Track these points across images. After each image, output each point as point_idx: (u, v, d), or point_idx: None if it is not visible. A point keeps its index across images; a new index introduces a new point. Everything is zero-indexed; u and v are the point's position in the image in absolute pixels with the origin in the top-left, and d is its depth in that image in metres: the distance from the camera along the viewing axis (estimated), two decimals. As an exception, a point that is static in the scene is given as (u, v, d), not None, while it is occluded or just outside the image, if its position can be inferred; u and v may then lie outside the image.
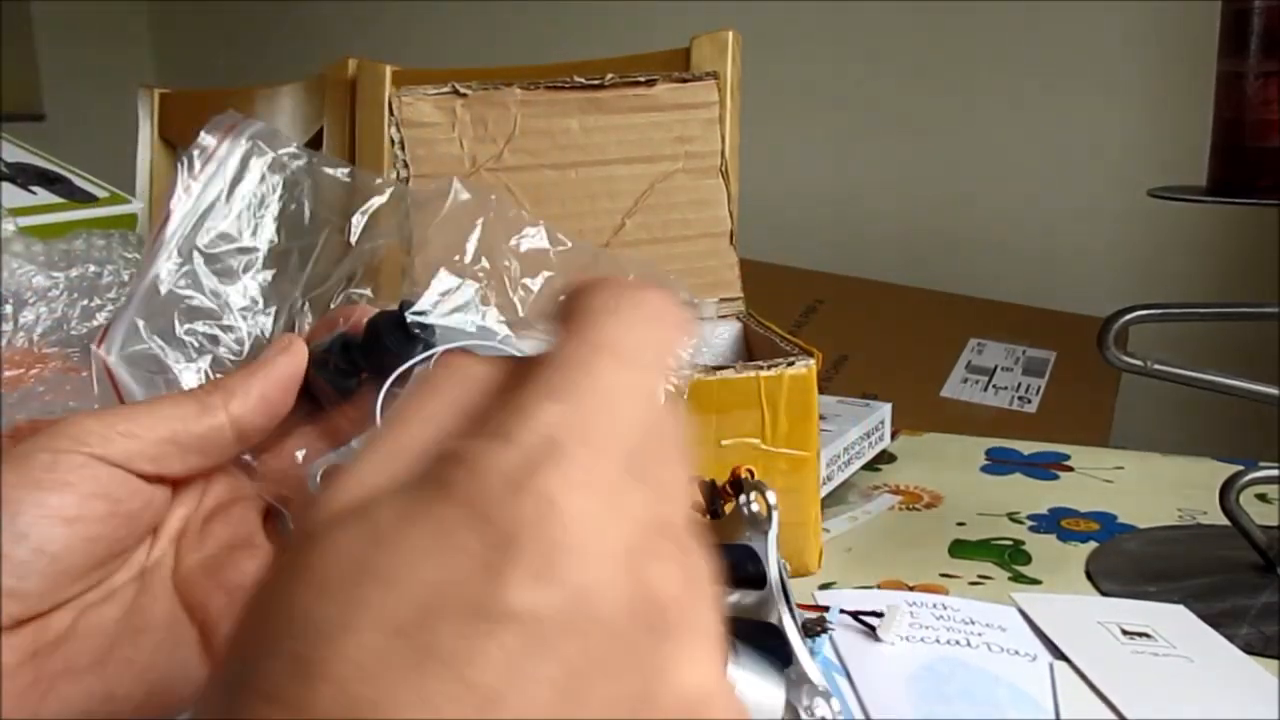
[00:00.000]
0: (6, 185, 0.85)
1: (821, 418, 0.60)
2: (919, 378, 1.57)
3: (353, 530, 0.21)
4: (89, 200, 0.88)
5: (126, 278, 0.65)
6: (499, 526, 0.20)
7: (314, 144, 1.11)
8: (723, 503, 0.45)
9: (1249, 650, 0.48)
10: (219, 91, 1.29)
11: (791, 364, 0.54)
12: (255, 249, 0.37)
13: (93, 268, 0.64)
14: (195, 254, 0.37)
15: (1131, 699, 0.43)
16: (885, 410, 0.74)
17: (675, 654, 0.21)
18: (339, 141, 1.11)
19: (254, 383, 0.34)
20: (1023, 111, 1.83)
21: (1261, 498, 0.68)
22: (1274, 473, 0.57)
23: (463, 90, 0.63)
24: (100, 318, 0.63)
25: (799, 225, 1.95)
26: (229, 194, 0.37)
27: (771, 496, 0.39)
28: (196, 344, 0.37)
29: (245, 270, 0.37)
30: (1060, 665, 0.46)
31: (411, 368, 0.34)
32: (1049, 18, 1.78)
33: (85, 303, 0.63)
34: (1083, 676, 0.45)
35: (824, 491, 0.62)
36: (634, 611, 0.21)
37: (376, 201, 0.37)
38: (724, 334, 0.68)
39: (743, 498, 0.40)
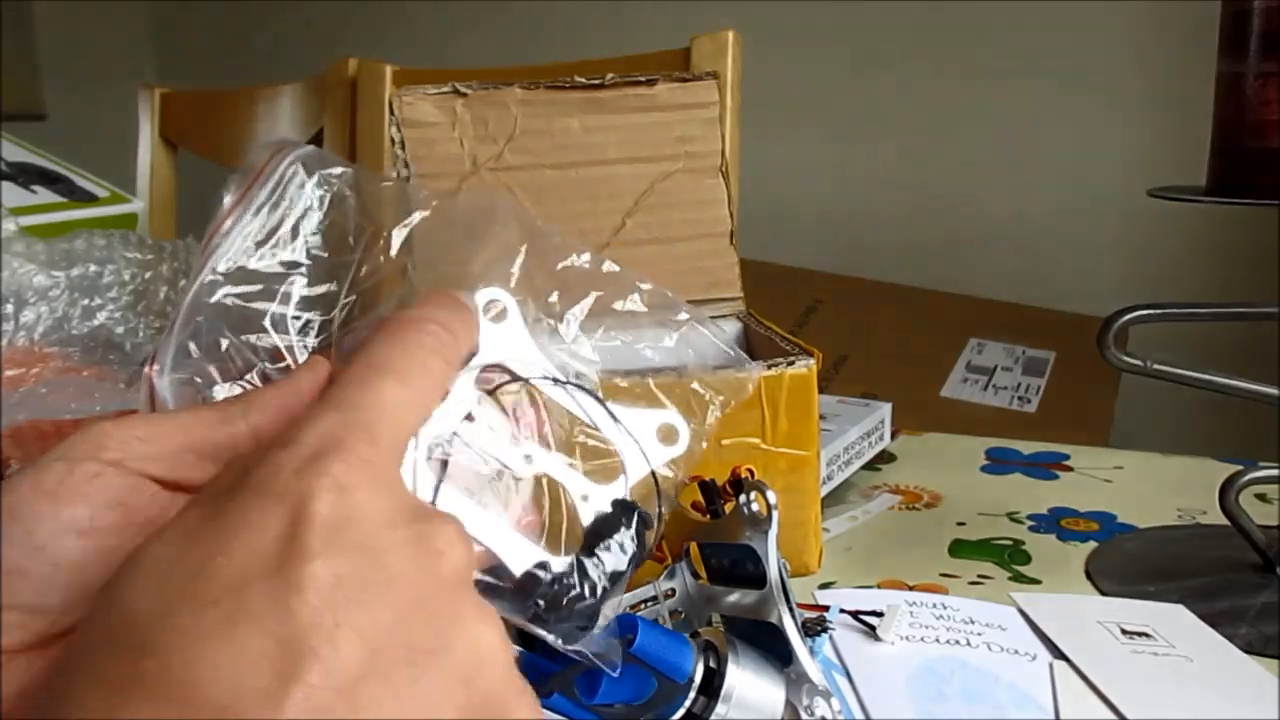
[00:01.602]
0: (7, 185, 0.85)
1: (821, 418, 0.60)
2: (919, 378, 1.57)
3: (167, 535, 0.23)
4: (89, 200, 0.88)
5: (127, 277, 0.65)
6: (292, 504, 0.23)
7: (314, 144, 1.11)
8: (723, 503, 0.45)
9: (1249, 650, 0.48)
10: (219, 91, 1.29)
11: (791, 364, 0.54)
12: (300, 264, 0.37)
13: (93, 267, 0.64)
14: (239, 273, 0.37)
15: (1131, 699, 0.43)
16: (885, 410, 0.74)
17: (464, 607, 0.24)
18: (339, 142, 1.11)
19: (274, 395, 0.33)
20: (1023, 111, 1.83)
21: (1261, 498, 0.68)
22: (1274, 473, 0.57)
23: (463, 90, 0.63)
24: (100, 317, 0.63)
25: (799, 225, 1.95)
26: (273, 212, 0.37)
27: (771, 496, 0.39)
28: (243, 363, 0.37)
29: (290, 287, 0.37)
30: (1060, 665, 0.46)
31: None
32: (1049, 18, 1.78)
33: (85, 302, 0.63)
34: (1082, 676, 0.45)
35: (824, 491, 0.62)
36: (423, 567, 0.24)
37: (418, 216, 0.37)
38: (724, 334, 0.68)
39: (743, 497, 0.40)
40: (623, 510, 0.33)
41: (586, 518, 0.33)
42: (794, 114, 1.96)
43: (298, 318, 0.37)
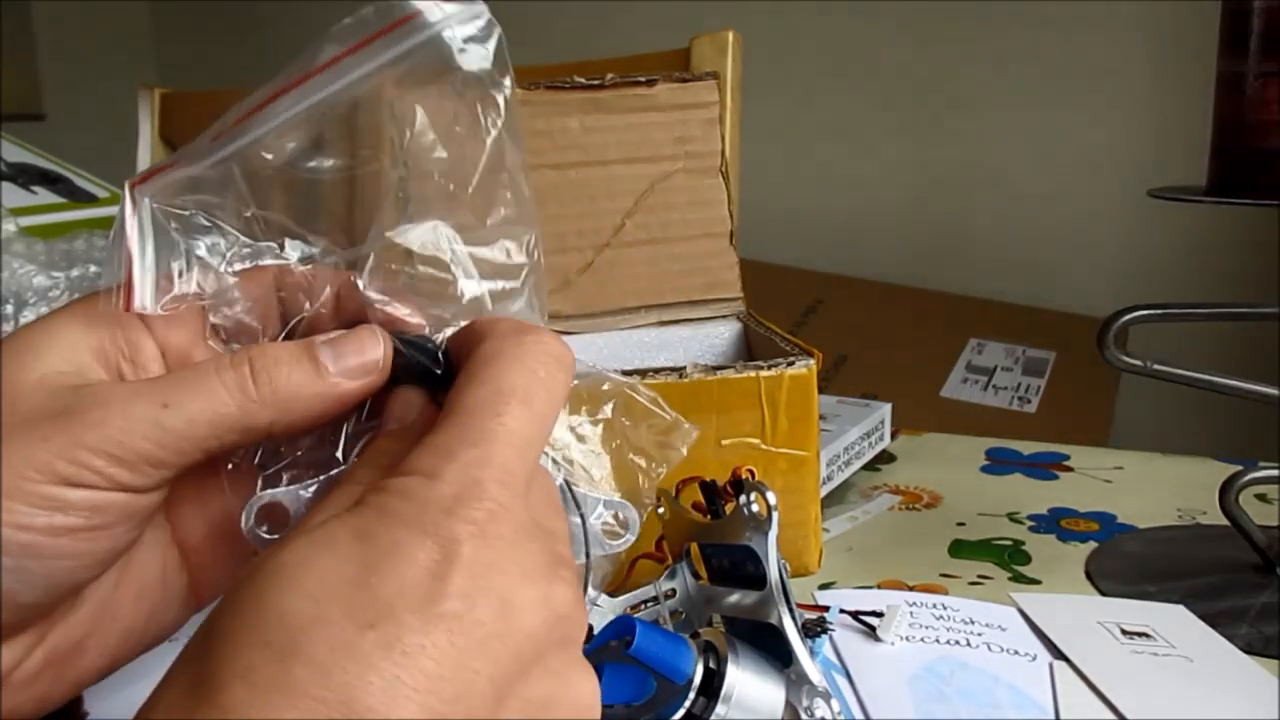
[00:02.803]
0: (7, 185, 0.85)
1: (821, 418, 0.60)
2: (919, 378, 1.57)
3: (317, 541, 0.24)
4: (89, 200, 0.88)
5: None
6: (441, 544, 0.24)
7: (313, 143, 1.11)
8: (723, 503, 0.45)
9: (1249, 650, 0.48)
10: (219, 92, 1.28)
11: (791, 364, 0.54)
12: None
13: (93, 268, 0.64)
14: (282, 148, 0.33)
15: (1131, 699, 0.43)
16: (885, 410, 0.74)
17: (574, 665, 0.26)
18: (339, 141, 1.10)
19: (313, 402, 0.30)
20: (1022, 111, 1.83)
21: (1261, 498, 0.68)
22: (1274, 473, 0.57)
23: (463, 90, 0.63)
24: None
25: (799, 225, 1.95)
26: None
27: (771, 496, 0.39)
28: (256, 238, 0.33)
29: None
30: (1060, 665, 0.46)
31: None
32: (1049, 18, 1.78)
33: (85, 303, 0.63)
34: (1083, 676, 0.45)
35: (824, 491, 0.62)
36: (548, 625, 0.25)
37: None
38: (724, 334, 0.68)
39: (743, 498, 0.40)
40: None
41: None
42: (794, 114, 1.96)
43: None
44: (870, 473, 0.74)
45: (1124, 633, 0.49)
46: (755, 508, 0.40)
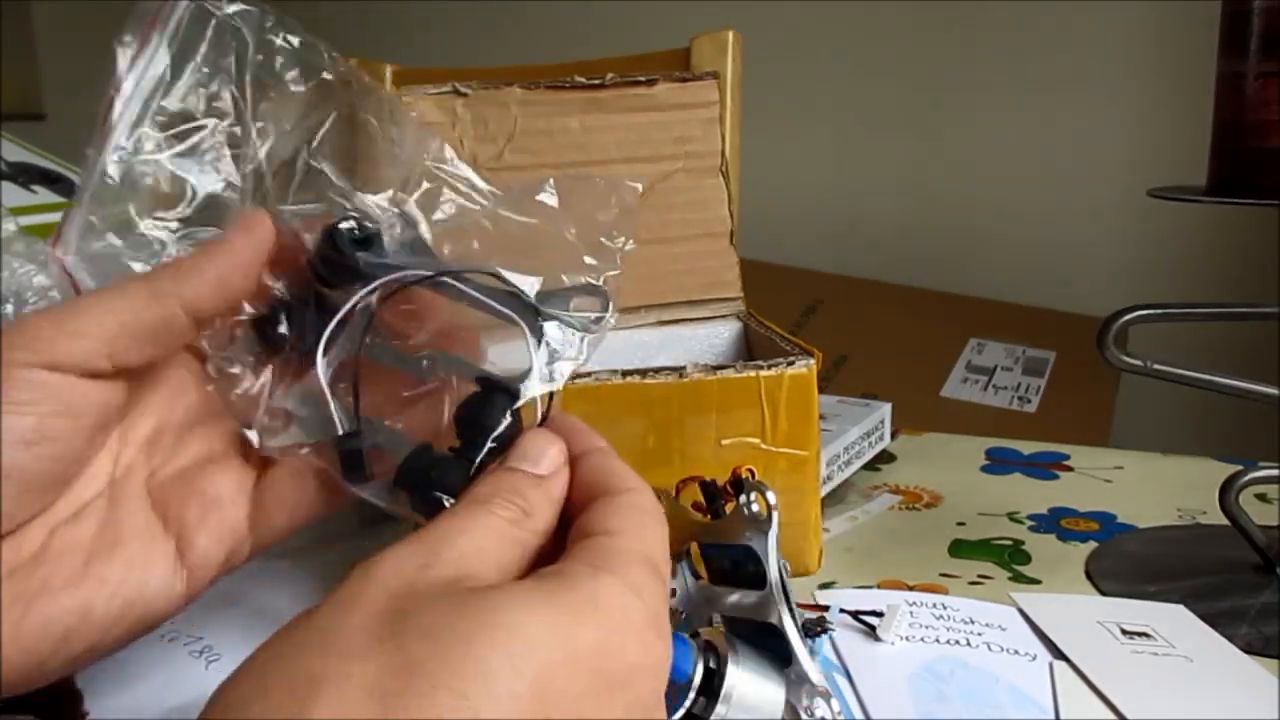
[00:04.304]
0: (7, 185, 0.85)
1: (821, 418, 0.60)
2: (919, 378, 1.57)
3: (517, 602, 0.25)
4: (89, 200, 0.88)
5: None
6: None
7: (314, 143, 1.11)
8: (723, 503, 0.45)
9: (1249, 650, 0.48)
10: (219, 91, 1.28)
11: (791, 364, 0.54)
12: (212, 124, 0.35)
13: (93, 267, 0.64)
14: (147, 138, 0.33)
15: (1131, 699, 0.43)
16: (885, 410, 0.74)
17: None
18: (340, 142, 1.10)
19: (209, 264, 0.32)
20: (1022, 111, 1.83)
21: (1261, 498, 0.68)
22: (1274, 473, 0.57)
23: (463, 90, 0.63)
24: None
25: (799, 225, 1.95)
26: (176, 66, 0.34)
27: (771, 496, 0.39)
28: (161, 238, 0.34)
29: (207, 150, 0.35)
30: (1060, 665, 0.46)
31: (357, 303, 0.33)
32: (1048, 18, 1.78)
33: (85, 302, 0.63)
34: (1083, 676, 0.45)
35: (824, 491, 0.62)
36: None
37: (327, 75, 0.36)
38: (724, 334, 0.68)
39: (743, 498, 0.40)
40: (492, 389, 0.33)
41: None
42: (794, 114, 1.96)
43: (229, 182, 0.35)
44: (870, 472, 0.74)
45: (1124, 632, 0.49)
46: (755, 507, 0.40)
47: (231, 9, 0.35)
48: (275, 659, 0.24)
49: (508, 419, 0.32)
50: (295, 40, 0.35)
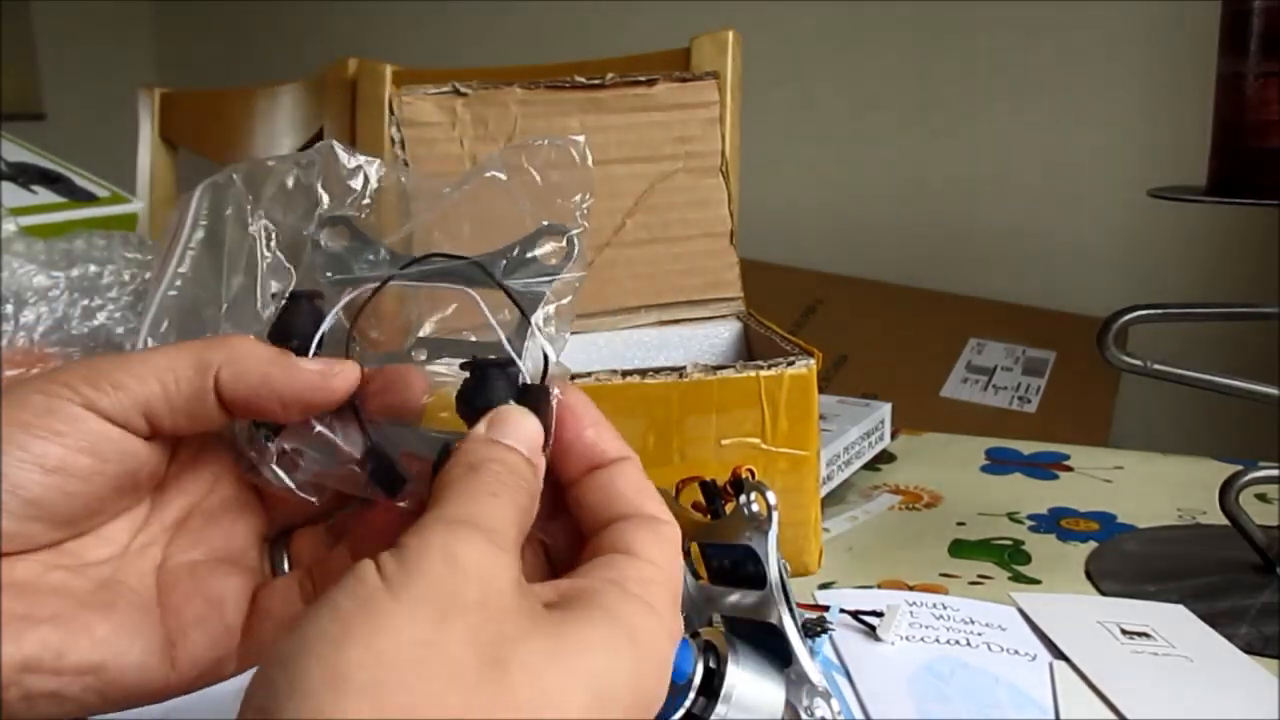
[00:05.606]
0: (7, 185, 0.85)
1: (821, 418, 0.60)
2: (919, 378, 1.57)
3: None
4: (89, 200, 0.88)
5: (127, 277, 0.65)
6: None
7: (313, 144, 1.11)
8: (723, 503, 0.45)
9: (1249, 650, 0.48)
10: (219, 92, 1.29)
11: (791, 364, 0.54)
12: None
13: (93, 267, 0.64)
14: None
15: (1131, 699, 0.43)
16: (885, 410, 0.74)
17: None
18: (340, 141, 1.10)
19: (269, 366, 0.32)
20: (1022, 111, 1.83)
21: (1261, 498, 0.68)
22: (1274, 473, 0.57)
23: (463, 90, 0.63)
24: (100, 318, 0.63)
25: (799, 225, 1.95)
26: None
27: (771, 496, 0.39)
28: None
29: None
30: (1060, 665, 0.46)
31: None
32: (1049, 18, 1.78)
33: (85, 303, 0.63)
34: (1083, 676, 0.45)
35: (824, 491, 0.62)
36: None
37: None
38: (724, 334, 0.68)
39: (743, 498, 0.40)
40: (488, 368, 0.33)
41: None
42: (794, 114, 1.96)
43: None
44: (870, 472, 0.74)
45: (1124, 632, 0.49)
46: (755, 507, 0.40)
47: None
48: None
49: (510, 394, 0.32)
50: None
